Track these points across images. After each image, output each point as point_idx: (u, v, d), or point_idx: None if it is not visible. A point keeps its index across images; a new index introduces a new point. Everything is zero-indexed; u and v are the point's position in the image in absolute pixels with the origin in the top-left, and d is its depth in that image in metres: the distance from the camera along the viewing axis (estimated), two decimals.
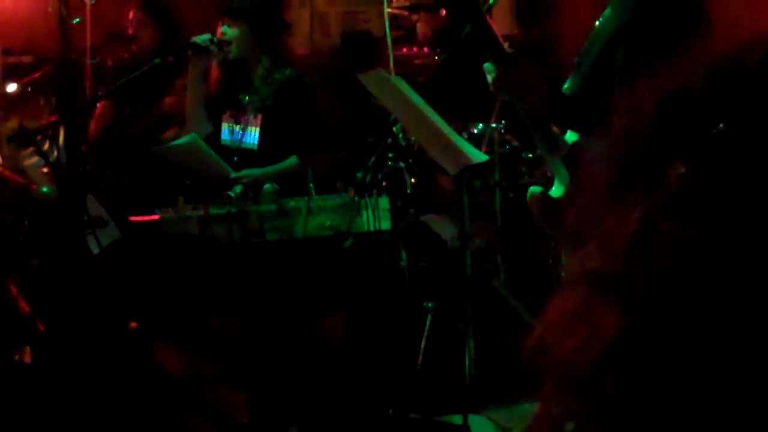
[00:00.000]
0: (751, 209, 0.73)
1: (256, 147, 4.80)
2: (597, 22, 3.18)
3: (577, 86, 3.13)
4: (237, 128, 4.88)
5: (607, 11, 3.12)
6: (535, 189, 3.23)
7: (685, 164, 0.76)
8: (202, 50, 4.79)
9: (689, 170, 0.75)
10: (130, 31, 5.94)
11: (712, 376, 0.72)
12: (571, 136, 3.16)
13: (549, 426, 0.81)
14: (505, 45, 3.05)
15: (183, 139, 4.71)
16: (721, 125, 0.75)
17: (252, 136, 4.81)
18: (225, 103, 4.93)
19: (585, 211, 0.84)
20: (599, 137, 0.86)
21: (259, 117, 4.80)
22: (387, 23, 5.33)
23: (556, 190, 3.15)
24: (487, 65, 3.05)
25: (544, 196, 3.14)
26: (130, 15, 5.94)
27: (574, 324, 0.79)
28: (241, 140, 4.83)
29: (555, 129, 3.17)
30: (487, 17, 3.05)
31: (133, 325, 4.73)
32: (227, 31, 4.76)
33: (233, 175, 4.63)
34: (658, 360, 0.74)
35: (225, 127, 4.94)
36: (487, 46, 3.00)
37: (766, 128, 0.74)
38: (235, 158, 4.82)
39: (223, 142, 4.91)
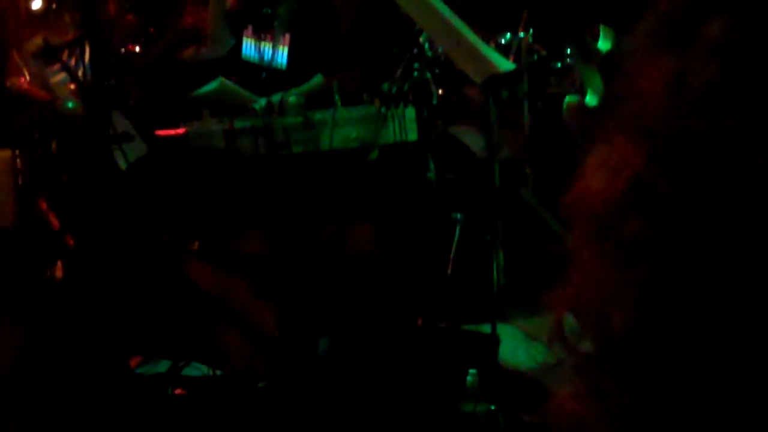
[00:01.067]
0: None
1: (284, 67, 4.75)
2: None
3: None
4: (265, 46, 4.83)
5: None
6: (571, 98, 3.19)
7: (722, 20, 0.77)
8: None
9: (725, 24, 0.76)
10: None
11: (734, 207, 0.73)
12: (604, 44, 3.11)
13: (580, 275, 0.82)
14: None
15: (211, 85, 4.65)
16: None
17: (281, 55, 4.76)
18: (246, 16, 4.88)
19: (624, 77, 0.85)
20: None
21: (287, 35, 4.75)
22: None
23: (591, 99, 3.11)
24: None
25: (582, 106, 3.10)
26: None
27: (603, 164, 0.81)
28: (272, 59, 4.78)
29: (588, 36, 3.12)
30: None
31: (163, 238, 4.75)
32: None
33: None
34: (681, 195, 0.75)
35: (247, 42, 4.89)
36: None
37: None
38: (263, 74, 4.78)
39: (245, 57, 4.86)
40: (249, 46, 4.88)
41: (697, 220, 0.74)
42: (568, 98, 3.22)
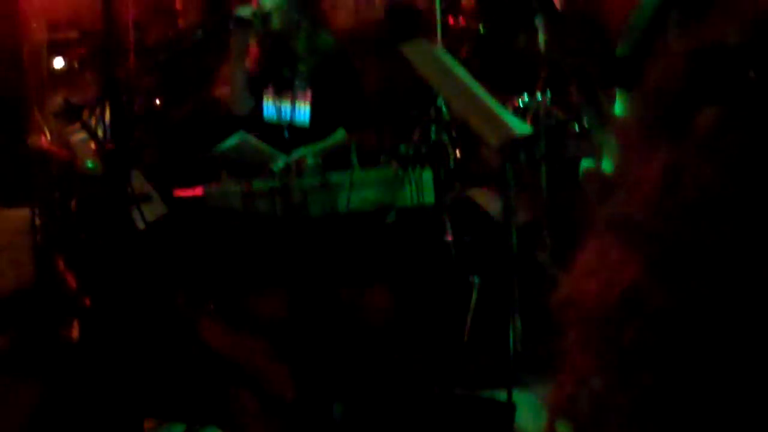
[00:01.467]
0: None
1: (307, 124, 4.76)
2: None
3: (628, 51, 3.10)
4: (284, 105, 4.85)
5: None
6: (589, 165, 3.20)
7: (715, 111, 0.75)
8: (244, 23, 4.78)
9: (718, 116, 0.75)
10: (178, 6, 5.93)
11: (734, 322, 0.72)
12: (620, 109, 3.12)
13: (575, 381, 0.80)
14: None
15: (232, 139, 4.67)
16: (753, 73, 0.75)
17: (302, 113, 4.78)
18: (266, 78, 4.91)
19: (617, 164, 0.84)
20: (634, 92, 0.87)
21: (308, 92, 4.77)
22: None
23: (608, 165, 3.11)
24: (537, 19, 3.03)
25: (599, 171, 3.11)
26: None
27: (597, 269, 0.79)
28: (291, 118, 4.80)
29: (605, 102, 3.14)
30: None
31: (179, 300, 4.75)
32: (266, 2, 4.72)
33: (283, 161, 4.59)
34: (677, 306, 0.74)
35: (267, 102, 4.92)
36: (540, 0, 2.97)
37: None
38: (286, 134, 4.80)
39: (266, 119, 4.88)
40: (269, 107, 4.91)
41: (696, 333, 0.72)
42: (584, 163, 3.23)
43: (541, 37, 3.02)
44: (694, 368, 0.73)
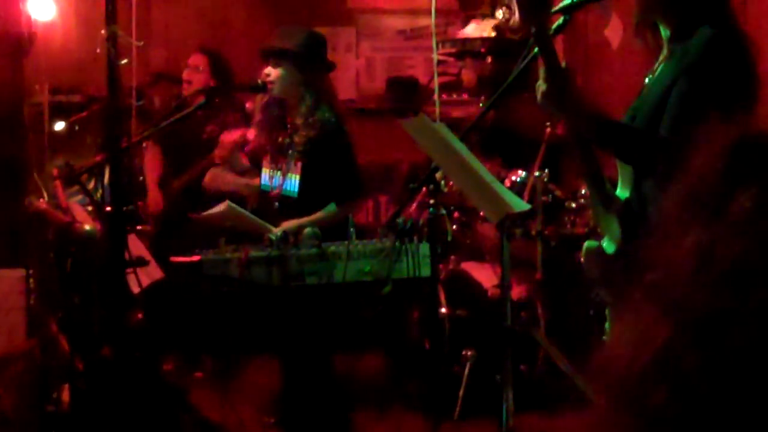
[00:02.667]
0: None
1: (296, 194, 4.79)
2: (647, 79, 3.17)
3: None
4: (277, 174, 4.89)
5: (660, 67, 3.11)
6: (591, 244, 3.21)
7: (750, 194, 0.79)
8: (254, 89, 4.86)
9: (753, 199, 0.79)
10: (185, 76, 5.99)
11: (759, 391, 0.74)
12: (623, 193, 3.14)
13: None
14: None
15: (218, 208, 4.70)
16: None
17: (292, 183, 4.81)
18: (266, 147, 4.95)
19: (654, 245, 0.87)
20: (673, 181, 0.90)
21: (299, 164, 4.80)
22: (435, 70, 5.32)
23: (609, 246, 3.12)
24: (539, 83, 3.05)
25: (601, 251, 3.12)
26: (190, 59, 5.99)
27: (629, 336, 0.82)
28: (281, 187, 4.84)
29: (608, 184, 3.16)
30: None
31: (170, 366, 4.74)
32: (271, 71, 4.77)
33: (272, 232, 4.60)
34: (706, 372, 0.76)
35: (265, 172, 4.95)
36: (544, 56, 3.00)
37: None
38: (277, 204, 4.82)
39: (263, 187, 4.91)
40: (265, 176, 4.94)
41: (723, 398, 0.74)
42: (586, 243, 3.24)
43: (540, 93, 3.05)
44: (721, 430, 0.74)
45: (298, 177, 4.80)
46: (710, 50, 2.94)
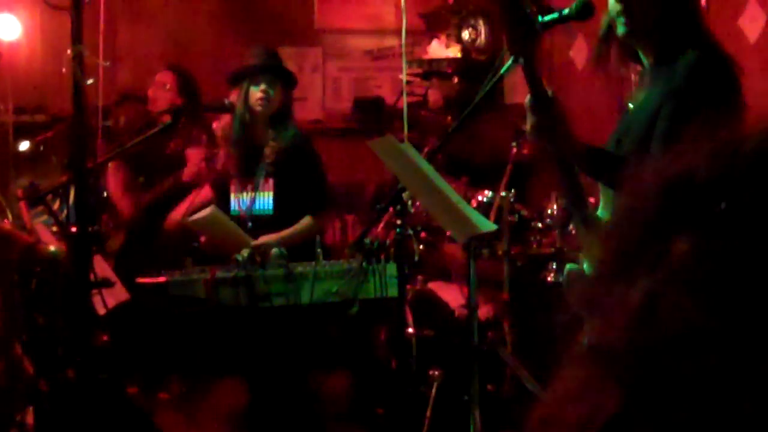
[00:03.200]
0: (752, 284, 0.74)
1: (271, 212, 4.78)
2: (630, 105, 3.17)
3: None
4: (245, 196, 4.87)
5: (644, 93, 3.10)
6: (572, 266, 3.21)
7: (688, 241, 0.77)
8: (221, 110, 4.86)
9: (691, 246, 0.77)
10: (150, 93, 5.96)
11: None
12: (604, 214, 3.15)
13: None
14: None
15: (204, 213, 4.69)
16: (722, 205, 0.77)
17: (265, 201, 4.80)
18: (233, 170, 4.94)
19: (592, 288, 0.85)
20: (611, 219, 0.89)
21: (271, 180, 4.80)
22: (404, 90, 5.35)
23: (590, 268, 3.13)
24: (528, 115, 3.02)
25: (582, 274, 3.11)
26: (157, 75, 5.95)
27: (578, 398, 0.79)
28: (251, 207, 4.83)
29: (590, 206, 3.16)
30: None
31: (135, 388, 4.71)
32: (266, 89, 4.78)
33: (252, 244, 4.59)
34: None
35: (233, 198, 4.93)
36: (532, 86, 2.98)
37: (765, 208, 0.77)
38: (250, 225, 4.81)
39: (233, 213, 4.88)
40: (234, 202, 4.92)
41: None
42: (567, 266, 3.24)
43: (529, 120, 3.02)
44: None
45: (271, 194, 4.80)
46: (697, 73, 2.94)
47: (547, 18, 3.00)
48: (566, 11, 2.99)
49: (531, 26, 2.93)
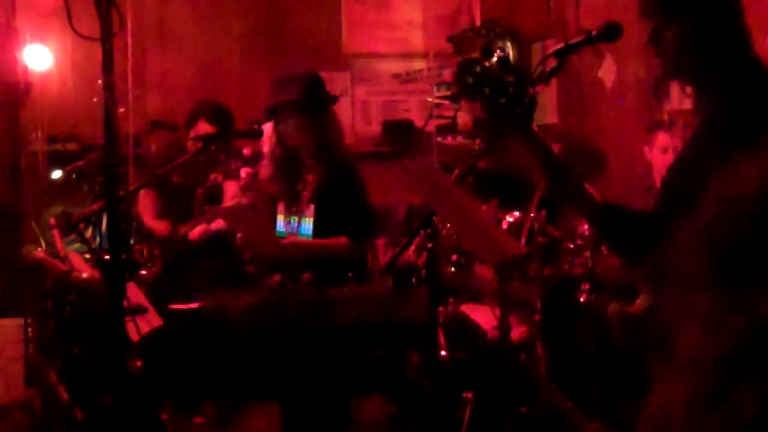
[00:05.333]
0: None
1: (311, 237, 4.78)
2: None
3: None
4: (293, 219, 4.88)
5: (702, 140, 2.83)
6: (613, 308, 3.16)
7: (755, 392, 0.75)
8: (251, 135, 4.87)
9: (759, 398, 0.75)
10: (178, 120, 5.96)
11: None
12: None
13: None
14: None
15: (235, 203, 4.73)
16: None
17: (307, 227, 4.81)
18: (279, 195, 4.94)
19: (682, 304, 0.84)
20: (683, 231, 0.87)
21: (312, 207, 4.80)
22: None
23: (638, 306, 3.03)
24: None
25: (624, 313, 3.06)
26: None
27: (709, 408, 0.80)
28: (297, 231, 4.83)
29: None
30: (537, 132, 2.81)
31: (168, 413, 4.71)
32: (273, 127, 4.79)
33: (282, 242, 4.61)
34: None
35: (280, 219, 4.93)
36: (539, 155, 2.78)
37: None
38: None
39: (279, 234, 4.88)
40: (281, 223, 4.92)
41: None
42: (609, 308, 3.17)
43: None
44: None
45: (311, 220, 4.81)
46: None
47: (574, 43, 2.91)
48: (594, 33, 2.95)
49: (517, 99, 2.64)
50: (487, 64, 2.60)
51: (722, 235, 0.84)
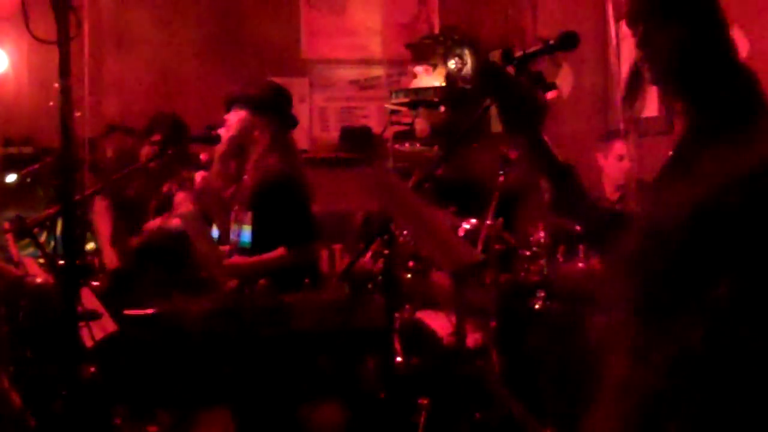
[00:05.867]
0: None
1: (249, 245, 4.77)
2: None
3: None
4: (235, 227, 4.87)
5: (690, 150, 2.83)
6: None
7: (730, 279, 0.75)
8: (208, 141, 4.87)
9: (734, 284, 0.75)
10: (134, 124, 5.95)
11: None
12: None
13: None
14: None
15: (189, 209, 4.73)
16: (755, 240, 0.75)
17: (245, 234, 4.80)
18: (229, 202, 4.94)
19: (612, 328, 0.83)
20: (613, 258, 0.86)
21: (249, 214, 4.79)
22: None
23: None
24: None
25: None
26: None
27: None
28: (238, 239, 4.82)
29: None
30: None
31: (122, 420, 4.69)
32: (230, 116, 4.80)
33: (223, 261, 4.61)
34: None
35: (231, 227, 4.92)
36: (542, 160, 2.76)
37: None
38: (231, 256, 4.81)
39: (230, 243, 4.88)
40: (232, 232, 4.92)
41: None
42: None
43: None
44: None
45: (249, 227, 4.79)
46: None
47: (533, 52, 2.92)
48: (551, 42, 2.98)
49: (532, 104, 2.69)
50: (506, 68, 2.64)
51: (649, 263, 0.82)
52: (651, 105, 5.67)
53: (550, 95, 2.83)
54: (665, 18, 2.74)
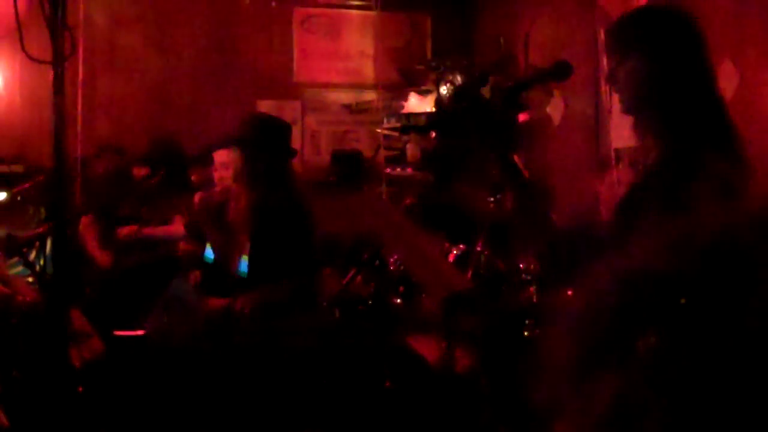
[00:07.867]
0: (721, 374, 0.74)
1: (245, 275, 4.72)
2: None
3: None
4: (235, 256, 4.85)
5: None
6: None
7: (653, 337, 0.77)
8: (202, 162, 4.88)
9: (657, 342, 0.77)
10: (125, 143, 5.96)
11: None
12: None
13: None
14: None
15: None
16: (683, 299, 0.78)
17: (242, 263, 4.76)
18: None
19: (552, 389, 0.85)
20: (554, 318, 0.88)
21: (247, 244, 4.76)
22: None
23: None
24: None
25: None
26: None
27: None
28: (236, 267, 4.79)
29: None
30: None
31: None
32: (224, 158, 4.81)
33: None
34: None
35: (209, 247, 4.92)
36: (512, 176, 2.82)
37: (724, 301, 0.77)
38: (228, 282, 4.79)
39: (206, 258, 4.86)
40: (209, 250, 4.91)
41: None
42: None
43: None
44: None
45: (246, 257, 4.77)
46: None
47: (526, 81, 2.95)
48: (544, 71, 3.00)
49: (503, 124, 2.78)
50: (481, 90, 2.69)
51: (587, 325, 0.85)
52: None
53: (523, 117, 2.89)
54: (625, 51, 2.80)
